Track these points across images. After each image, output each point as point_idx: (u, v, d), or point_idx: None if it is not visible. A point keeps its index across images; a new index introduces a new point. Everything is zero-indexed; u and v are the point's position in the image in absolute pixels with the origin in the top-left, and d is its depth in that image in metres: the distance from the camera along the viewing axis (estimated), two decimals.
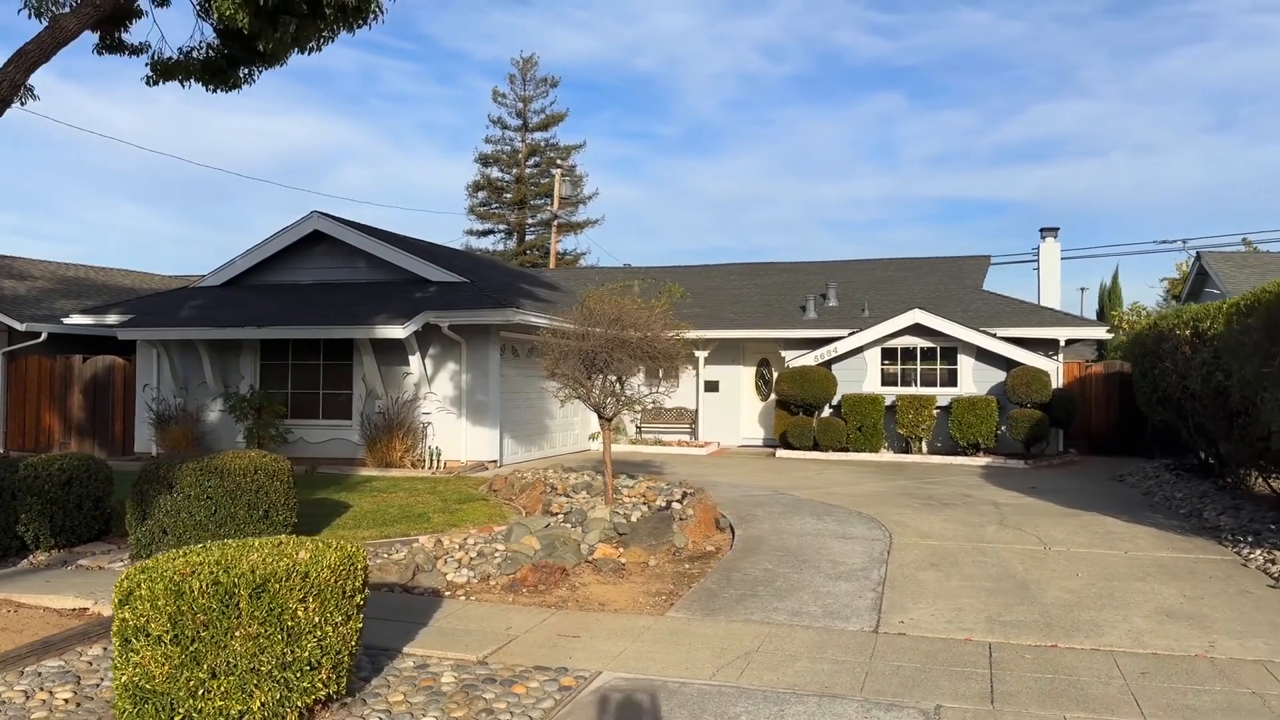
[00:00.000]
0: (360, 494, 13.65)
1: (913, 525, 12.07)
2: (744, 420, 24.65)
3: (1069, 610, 8.24)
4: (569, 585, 9.06)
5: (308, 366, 18.42)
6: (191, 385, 18.77)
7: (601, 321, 10.99)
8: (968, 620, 7.97)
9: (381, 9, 7.52)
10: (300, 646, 5.53)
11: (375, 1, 7.22)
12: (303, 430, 18.20)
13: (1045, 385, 19.93)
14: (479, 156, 56.01)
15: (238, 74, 10.29)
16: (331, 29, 7.66)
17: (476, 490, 14.03)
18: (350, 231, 18.71)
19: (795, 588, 9.02)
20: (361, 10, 7.31)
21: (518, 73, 55.74)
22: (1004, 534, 11.56)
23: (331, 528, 11.01)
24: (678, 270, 28.83)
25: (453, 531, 10.77)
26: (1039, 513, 13.10)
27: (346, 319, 16.82)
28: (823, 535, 11.36)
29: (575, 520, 10.70)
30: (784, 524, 12.04)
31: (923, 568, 9.79)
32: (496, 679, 6.51)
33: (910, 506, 13.58)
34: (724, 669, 6.77)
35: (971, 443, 20.23)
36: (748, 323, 23.47)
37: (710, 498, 13.20)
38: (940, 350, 21.57)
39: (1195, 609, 8.26)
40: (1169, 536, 11.39)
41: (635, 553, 10.06)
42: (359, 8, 7.22)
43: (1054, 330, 21.23)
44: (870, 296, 24.06)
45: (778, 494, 14.71)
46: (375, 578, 9.04)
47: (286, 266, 19.56)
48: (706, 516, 11.62)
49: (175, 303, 19.17)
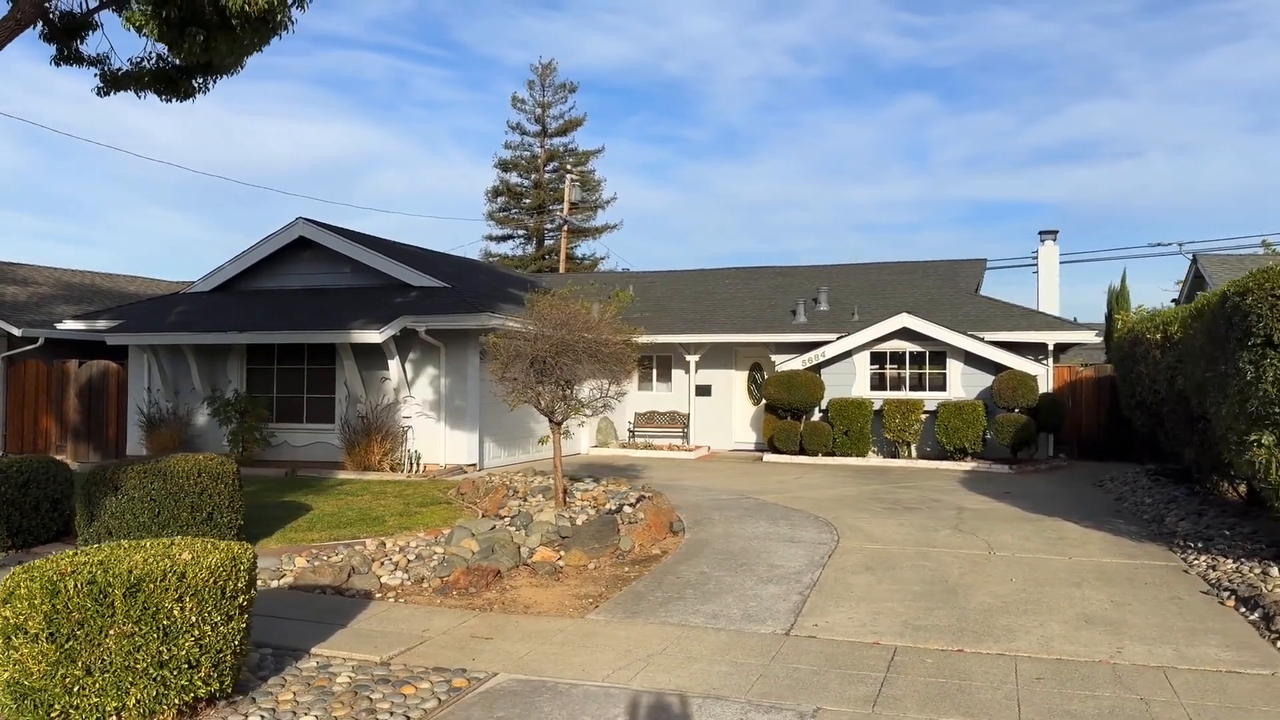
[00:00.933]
0: (328, 497, 13.83)
1: (866, 529, 12.07)
2: (736, 424, 24.67)
3: (989, 615, 8.24)
4: (500, 588, 9.16)
5: (292, 371, 18.67)
6: (181, 389, 19.08)
7: (549, 325, 11.09)
8: (883, 624, 7.99)
9: (290, 20, 7.66)
10: (177, 645, 5.66)
11: (282, 14, 7.36)
12: (286, 434, 18.44)
13: (1032, 389, 19.81)
14: (498, 162, 56.31)
15: (190, 83, 10.49)
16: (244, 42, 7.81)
17: (444, 494, 14.17)
18: (334, 237, 18.95)
19: (724, 590, 9.07)
20: (268, 22, 7.45)
21: (537, 79, 56.03)
22: (955, 538, 11.54)
23: (283, 530, 11.18)
24: (675, 275, 28.90)
25: (401, 534, 10.91)
26: (1000, 518, 13.05)
27: (326, 324, 17.05)
28: (771, 539, 11.39)
29: (521, 523, 10.80)
30: (737, 528, 12.08)
31: (858, 571, 9.80)
32: (391, 680, 6.62)
33: (872, 511, 13.57)
34: (620, 671, 6.84)
35: (958, 447, 20.14)
36: (739, 327, 23.50)
37: (669, 501, 13.26)
38: (929, 354, 21.48)
39: (1117, 615, 8.23)
40: (1121, 542, 11.32)
41: (576, 556, 10.14)
42: (265, 19, 7.37)
43: (1043, 334, 21.09)
44: (862, 301, 24.00)
45: (744, 498, 14.74)
46: (309, 580, 9.19)
47: (274, 272, 19.84)
48: (658, 520, 11.68)
49: (164, 308, 19.51)
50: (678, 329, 23.90)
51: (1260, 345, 8.47)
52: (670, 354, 24.73)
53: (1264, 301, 8.44)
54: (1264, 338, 8.41)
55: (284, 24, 7.69)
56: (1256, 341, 8.49)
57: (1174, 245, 30.79)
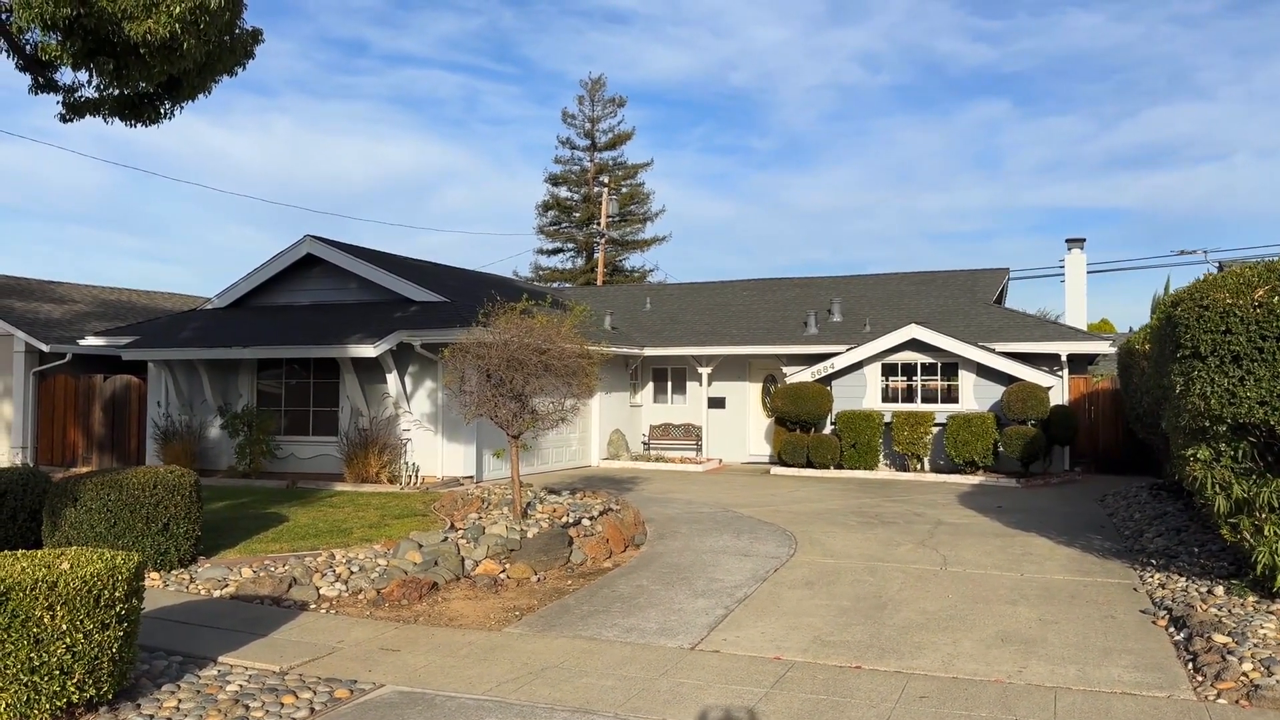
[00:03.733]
0: (311, 508, 14.15)
1: (827, 544, 11.98)
2: (751, 437, 24.58)
3: (905, 632, 8.15)
4: (432, 600, 9.31)
5: (299, 385, 19.13)
6: (195, 403, 19.65)
7: (504, 338, 11.24)
8: (793, 639, 7.96)
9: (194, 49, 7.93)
10: (48, 652, 5.89)
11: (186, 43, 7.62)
12: (293, 446, 18.88)
13: (1042, 401, 19.42)
14: (548, 176, 56.83)
15: (155, 108, 10.88)
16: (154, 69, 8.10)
17: (425, 506, 14.38)
18: (340, 254, 19.39)
19: (652, 604, 9.10)
20: (175, 49, 7.73)
21: (586, 93, 56.55)
22: (914, 553, 11.40)
23: (248, 541, 11.47)
24: (691, 286, 28.94)
25: (358, 546, 11.12)
26: (974, 533, 12.85)
27: (328, 339, 17.44)
28: (725, 552, 11.37)
29: (471, 535, 10.95)
30: (697, 541, 12.08)
31: (796, 586, 9.76)
32: (278, 689, 6.79)
33: (846, 525, 13.46)
34: (506, 684, 6.93)
35: (967, 460, 19.83)
36: (750, 339, 23.45)
37: (637, 514, 13.30)
38: (941, 366, 21.20)
39: (1038, 633, 8.08)
40: (1086, 559, 11.08)
41: (520, 568, 10.25)
42: (170, 48, 7.65)
43: (1056, 345, 20.68)
44: (876, 312, 23.78)
45: (723, 511, 14.72)
46: (250, 590, 9.45)
47: (285, 289, 20.35)
48: (617, 534, 11.74)
49: (179, 324, 20.14)
50: (690, 341, 23.94)
51: (1189, 356, 8.28)
52: (684, 366, 24.76)
53: (1192, 312, 8.25)
54: (1191, 349, 8.22)
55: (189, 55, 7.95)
56: (1185, 353, 8.29)
57: (1200, 253, 29.84)
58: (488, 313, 11.99)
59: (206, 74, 9.53)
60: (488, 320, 11.82)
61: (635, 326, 25.47)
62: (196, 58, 8.17)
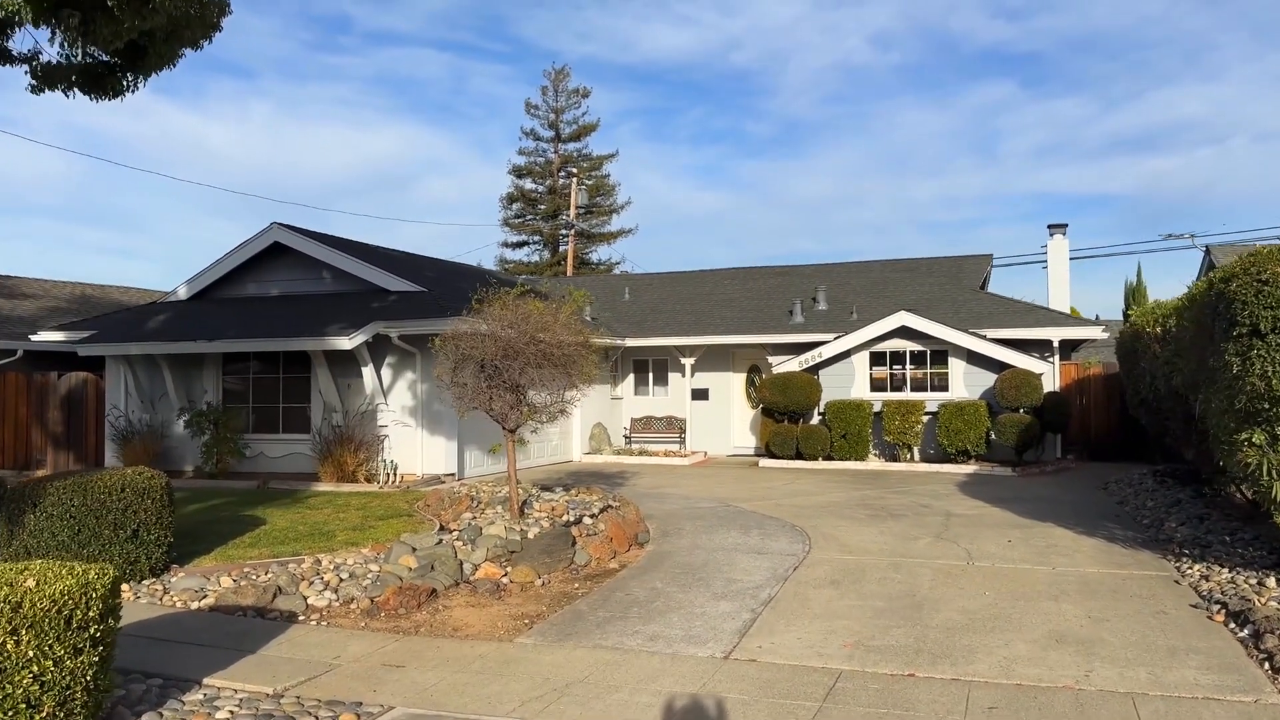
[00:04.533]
0: (288, 510, 13.32)
1: (841, 539, 11.40)
2: (735, 429, 24.01)
3: (951, 634, 7.56)
4: (432, 608, 8.58)
5: (268, 380, 18.23)
6: (157, 401, 18.68)
7: (499, 326, 10.52)
8: (834, 645, 7.34)
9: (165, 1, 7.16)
10: (13, 684, 5.11)
11: None
12: (262, 445, 17.99)
13: (1036, 388, 19.01)
14: (512, 168, 55.87)
15: (118, 80, 10.05)
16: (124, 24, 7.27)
17: (409, 506, 13.62)
18: (310, 243, 18.50)
19: (672, 609, 8.44)
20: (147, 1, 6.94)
21: (550, 84, 55.62)
22: (934, 548, 10.84)
23: (224, 547, 10.66)
24: (671, 276, 28.28)
25: (345, 551, 10.36)
26: (989, 524, 12.33)
27: (298, 331, 16.57)
28: (737, 550, 10.74)
29: (468, 537, 10.22)
30: (704, 539, 11.44)
31: (821, 585, 9.15)
32: (274, 715, 6.05)
33: (854, 519, 12.89)
34: (530, 703, 6.24)
35: (960, 449, 19.38)
36: (734, 328, 22.85)
37: (640, 511, 12.64)
38: (930, 354, 20.74)
39: (1093, 632, 7.53)
40: (1114, 550, 10.59)
41: (523, 572, 9.55)
42: None
43: (1047, 330, 20.29)
44: (862, 300, 23.29)
45: (723, 506, 14.10)
46: (231, 601, 8.66)
47: (254, 279, 19.42)
48: (621, 532, 11.06)
49: (140, 318, 19.13)
50: (672, 331, 23.29)
51: (1246, 335, 7.76)
52: (666, 357, 24.12)
53: (1249, 287, 7.73)
54: (1250, 327, 7.70)
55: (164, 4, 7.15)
56: (1242, 331, 7.78)
57: (1187, 237, 29.77)
58: (480, 299, 11.25)
59: (173, 41, 8.73)
60: (480, 308, 11.08)
61: (615, 317, 24.78)
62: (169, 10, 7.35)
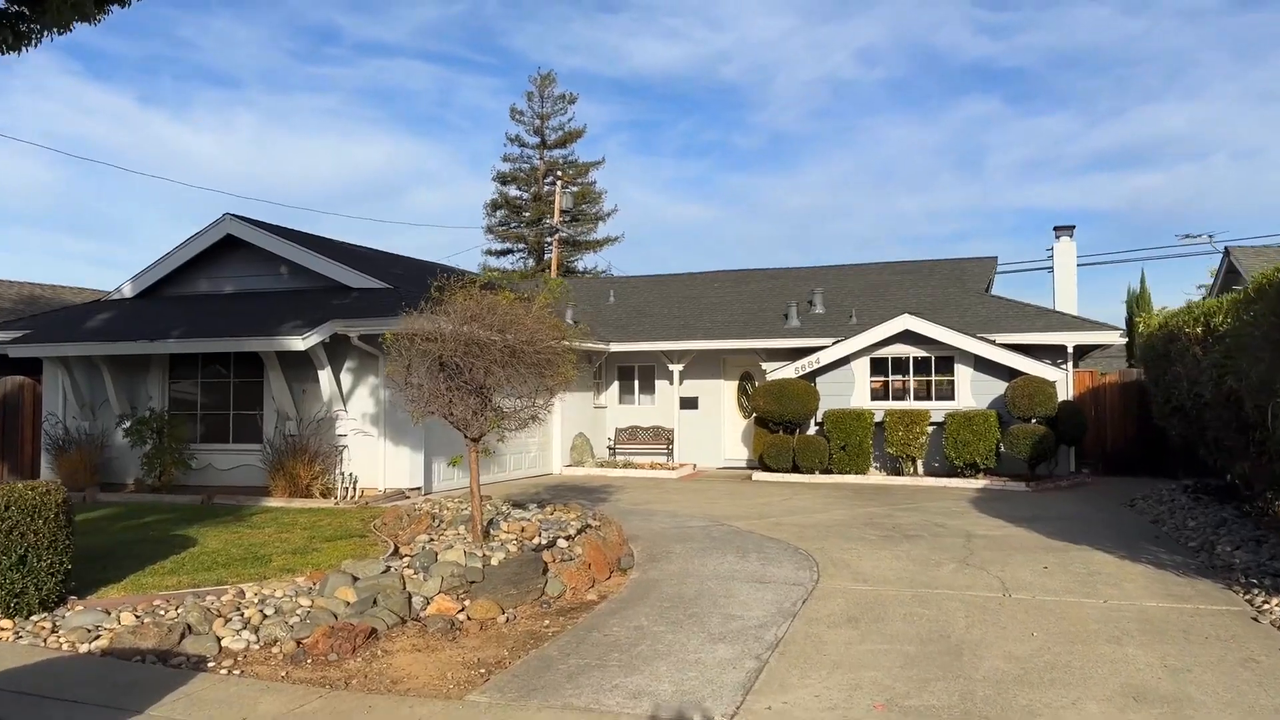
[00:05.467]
0: (225, 530, 11.82)
1: (853, 565, 9.97)
2: (726, 440, 22.58)
3: (1003, 689, 6.14)
4: (369, 654, 7.11)
5: (218, 385, 16.72)
6: (98, 407, 17.14)
7: (461, 319, 9.10)
8: (861, 705, 5.90)
9: None
10: None
11: None
12: (211, 455, 16.46)
13: (1050, 397, 17.68)
14: (497, 175, 54.40)
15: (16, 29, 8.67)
16: None
17: (364, 525, 12.14)
18: (266, 236, 17.01)
19: (660, 654, 6.99)
20: None
21: (536, 89, 54.24)
22: (961, 576, 9.43)
23: (139, 573, 9.16)
24: (659, 279, 26.88)
25: (278, 579, 8.87)
26: (1016, 547, 10.94)
27: (248, 330, 15.08)
28: (735, 579, 9.31)
29: (421, 563, 8.75)
30: (697, 564, 10.00)
31: (837, 624, 7.72)
32: None
33: (864, 540, 11.48)
34: None
35: (968, 462, 18.02)
36: (725, 332, 21.45)
37: (623, 531, 11.18)
38: (935, 360, 19.40)
39: (1175, 687, 6.13)
40: (1166, 578, 9.20)
41: (484, 606, 8.08)
42: None
43: (1061, 335, 18.98)
44: (861, 303, 21.95)
45: (716, 525, 12.67)
46: (128, 643, 7.16)
47: (206, 275, 17.93)
48: (601, 556, 9.61)
49: (80, 317, 17.59)
50: (659, 335, 21.88)
51: None
52: (653, 363, 22.70)
53: None
54: None
55: None
56: None
57: (1204, 238, 28.57)
58: (441, 287, 9.80)
59: None
60: (440, 297, 9.64)
61: (599, 321, 23.35)
62: None
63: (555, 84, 54.61)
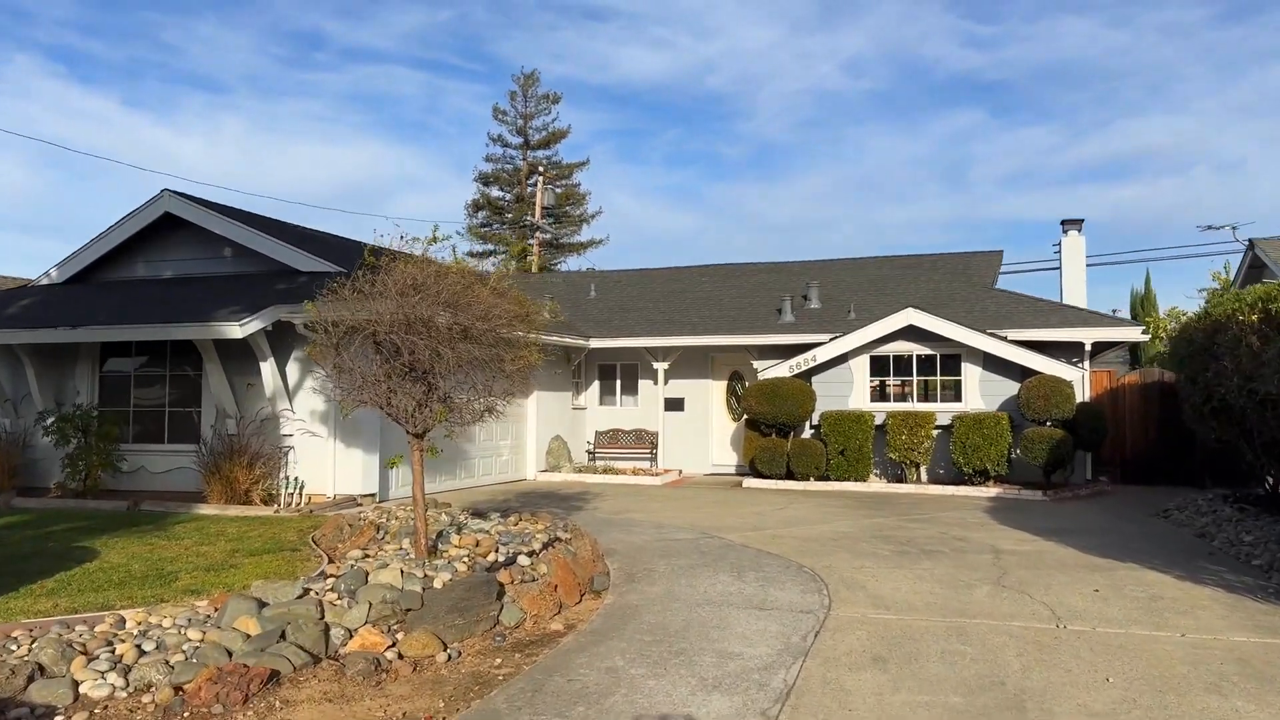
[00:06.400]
0: (136, 541, 10.20)
1: (870, 587, 8.44)
2: (714, 444, 21.05)
3: None
4: (266, 704, 5.52)
5: (153, 379, 15.08)
6: (19, 402, 15.46)
7: (400, 291, 7.55)
8: None
9: None
10: None
11: None
12: (145, 457, 14.81)
13: (1068, 398, 16.22)
14: (479, 175, 52.75)
15: None
16: None
17: (300, 536, 10.54)
18: (209, 215, 15.40)
19: (638, 708, 5.44)
20: None
21: (519, 88, 52.66)
22: (1000, 601, 7.91)
23: (12, 595, 7.54)
24: (643, 273, 25.33)
25: (177, 603, 7.29)
26: (1054, 565, 9.43)
27: (180, 316, 13.48)
28: (729, 604, 7.76)
29: (348, 585, 7.17)
30: (684, 586, 8.44)
31: (860, 665, 6.17)
32: None
33: (877, 556, 9.94)
34: None
35: (978, 469, 16.54)
36: (714, 328, 19.93)
37: (595, 546, 9.60)
38: (940, 358, 17.93)
39: None
40: (1244, 605, 7.71)
41: (420, 640, 6.51)
42: None
43: (1079, 332, 17.54)
44: (860, 298, 20.48)
45: (705, 538, 11.12)
46: None
47: (143, 258, 16.30)
48: (569, 577, 8.05)
49: (1, 303, 15.91)
50: (643, 331, 20.34)
51: None
52: (636, 361, 21.16)
53: None
54: None
55: None
56: None
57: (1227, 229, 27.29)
58: (377, 251, 8.24)
59: None
60: (377, 262, 8.07)
61: (579, 316, 21.80)
62: None
63: (539, 83, 53.05)
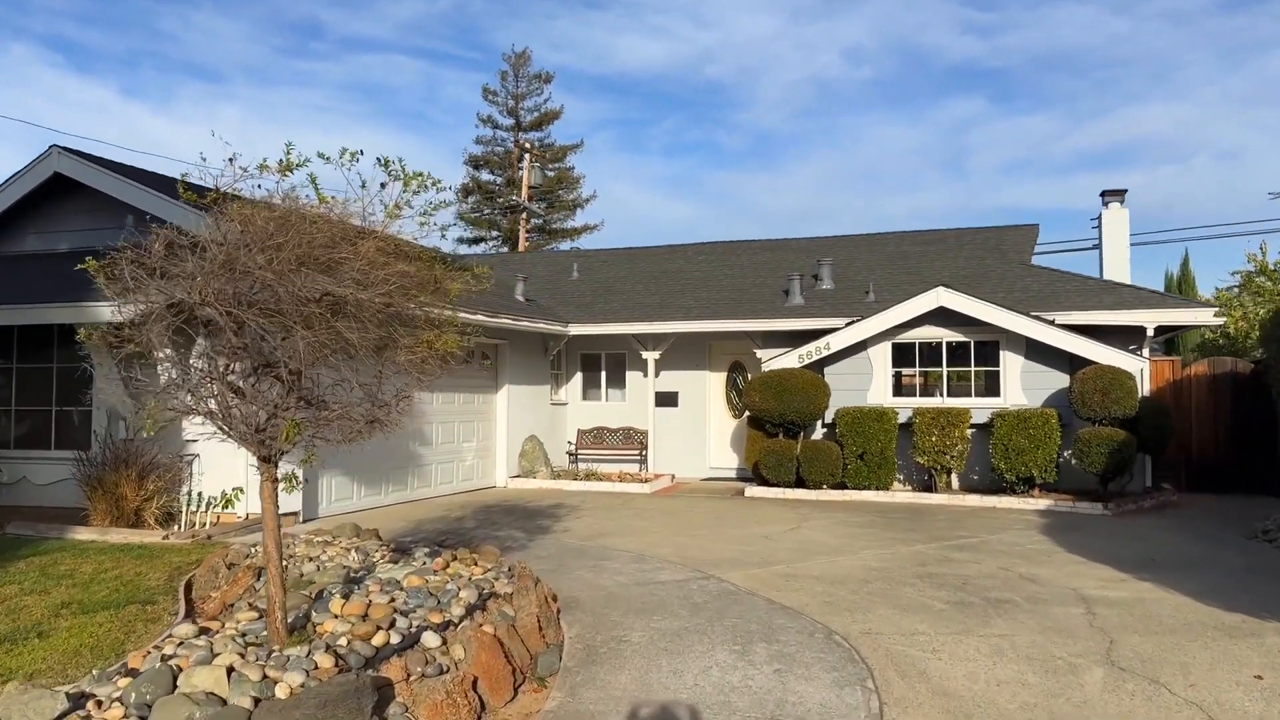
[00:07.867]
0: None
1: (932, 672, 5.91)
2: (712, 444, 18.53)
3: None
4: None
5: (38, 375, 12.58)
6: None
7: (234, 247, 5.07)
8: None
9: None
10: None
11: None
12: (27, 466, 12.32)
13: (1130, 392, 13.70)
14: (468, 158, 50.19)
15: None
16: None
17: (170, 580, 8.04)
18: (108, 176, 12.85)
19: None
20: None
21: (510, 68, 50.05)
22: (1126, 697, 5.39)
23: None
24: (631, 252, 22.72)
25: None
26: (1173, 625, 6.91)
27: (49, 296, 10.96)
28: (734, 710, 5.23)
29: (144, 694, 4.66)
30: (665, 672, 5.91)
31: None
32: None
33: (929, 612, 7.41)
34: None
35: (1023, 476, 14.03)
36: (711, 312, 17.40)
37: (547, 598, 7.02)
38: (975, 346, 15.40)
39: None
40: None
41: None
42: None
43: (1139, 314, 14.97)
44: (879, 277, 17.94)
45: (699, 578, 8.59)
46: None
47: (36, 230, 13.77)
48: (497, 664, 5.53)
49: None
50: (631, 316, 17.80)
51: None
52: (624, 350, 18.64)
53: None
54: None
55: None
56: None
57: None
58: (200, 189, 5.73)
59: None
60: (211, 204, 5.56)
61: (559, 299, 19.28)
62: None
63: (530, 63, 50.45)
